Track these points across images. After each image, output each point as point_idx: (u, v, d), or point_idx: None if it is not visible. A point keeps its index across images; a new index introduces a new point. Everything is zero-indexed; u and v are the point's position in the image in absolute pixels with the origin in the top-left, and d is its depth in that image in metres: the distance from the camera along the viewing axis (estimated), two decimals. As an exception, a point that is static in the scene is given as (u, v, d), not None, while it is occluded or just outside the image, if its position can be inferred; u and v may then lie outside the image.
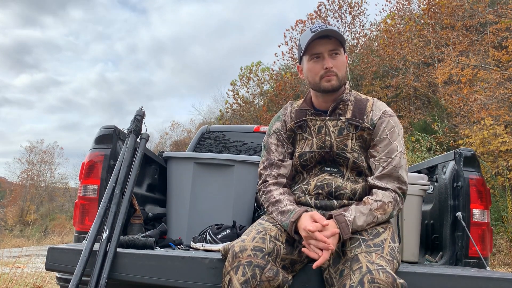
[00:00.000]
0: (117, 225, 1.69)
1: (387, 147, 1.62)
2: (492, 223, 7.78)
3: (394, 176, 1.58)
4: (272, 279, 1.39)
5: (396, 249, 1.46)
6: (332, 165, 1.68)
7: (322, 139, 1.67)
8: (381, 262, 1.33)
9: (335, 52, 1.64)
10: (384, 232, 1.50)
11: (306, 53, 1.67)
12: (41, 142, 33.73)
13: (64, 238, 13.21)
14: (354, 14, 18.06)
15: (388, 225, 1.58)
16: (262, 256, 1.40)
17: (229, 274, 1.39)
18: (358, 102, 1.70)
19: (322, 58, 1.64)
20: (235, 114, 20.25)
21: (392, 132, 1.64)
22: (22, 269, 5.11)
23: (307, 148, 1.69)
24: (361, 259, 1.35)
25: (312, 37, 1.60)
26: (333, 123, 1.67)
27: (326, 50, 1.63)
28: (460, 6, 12.19)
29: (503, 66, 10.29)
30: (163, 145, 31.76)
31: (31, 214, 29.71)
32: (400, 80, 15.39)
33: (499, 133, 8.37)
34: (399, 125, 1.67)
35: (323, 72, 1.63)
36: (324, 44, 1.63)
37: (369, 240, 1.44)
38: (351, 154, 1.64)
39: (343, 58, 1.68)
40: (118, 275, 1.56)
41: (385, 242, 1.45)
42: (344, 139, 1.65)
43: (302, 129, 1.73)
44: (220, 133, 4.05)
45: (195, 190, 2.33)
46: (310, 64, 1.67)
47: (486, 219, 2.17)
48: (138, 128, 2.02)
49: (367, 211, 1.51)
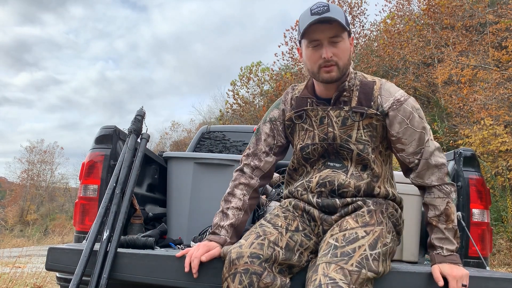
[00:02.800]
0: (118, 225, 1.70)
1: (412, 137, 1.53)
2: (492, 223, 7.77)
3: (432, 166, 1.53)
4: (270, 285, 1.37)
5: (374, 257, 1.36)
6: (336, 160, 1.60)
7: (325, 130, 1.58)
8: (336, 275, 1.28)
9: (336, 39, 1.49)
10: (364, 238, 1.40)
11: (304, 37, 1.52)
12: (41, 142, 33.78)
13: (64, 238, 13.20)
14: (354, 14, 18.06)
15: (376, 228, 1.45)
16: (259, 263, 1.38)
17: (227, 281, 1.38)
18: (364, 86, 1.58)
19: (321, 46, 1.49)
20: (235, 114, 20.24)
21: (411, 118, 1.53)
22: (22, 269, 5.12)
23: (309, 140, 1.61)
24: (319, 270, 1.31)
25: (311, 22, 1.45)
26: (335, 113, 1.57)
27: (325, 38, 1.48)
28: (460, 6, 12.19)
29: (503, 66, 10.29)
30: (163, 145, 31.75)
31: (31, 214, 29.70)
32: (400, 80, 15.38)
33: (499, 133, 8.37)
34: (416, 106, 1.56)
35: (321, 61, 1.50)
36: (324, 31, 1.47)
37: (339, 247, 1.37)
38: (356, 145, 1.55)
39: (346, 44, 1.52)
40: (118, 275, 1.56)
41: (358, 250, 1.36)
42: (348, 130, 1.56)
43: (302, 118, 1.63)
44: (220, 133, 4.06)
45: (195, 190, 2.33)
46: (308, 51, 1.53)
47: (486, 219, 2.18)
48: (138, 128, 2.02)
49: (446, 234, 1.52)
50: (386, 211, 1.57)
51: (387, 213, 1.57)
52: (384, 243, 1.43)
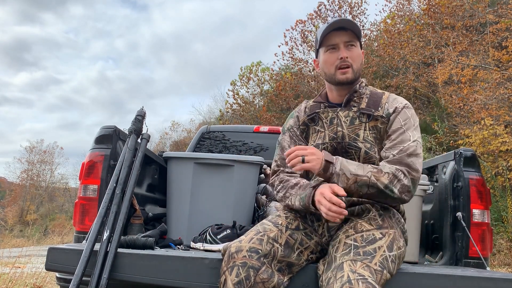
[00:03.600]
0: (118, 225, 1.69)
1: (399, 136, 1.58)
2: (492, 223, 7.77)
3: (403, 163, 1.52)
4: (267, 281, 1.39)
5: (392, 259, 1.39)
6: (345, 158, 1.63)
7: (334, 130, 1.66)
8: (364, 272, 1.29)
9: (351, 43, 1.65)
10: (381, 239, 1.43)
11: (322, 44, 1.69)
12: (41, 142, 33.73)
13: (64, 238, 13.20)
14: (354, 14, 18.05)
15: (390, 230, 1.49)
16: (257, 257, 1.41)
17: (225, 274, 1.40)
18: (373, 95, 1.69)
19: (338, 49, 1.65)
20: (235, 114, 20.25)
21: (407, 122, 1.61)
22: (22, 269, 5.11)
23: (319, 140, 1.69)
24: (345, 268, 1.32)
25: (328, 28, 1.63)
26: (344, 113, 1.66)
27: (341, 41, 1.64)
28: (460, 6, 12.19)
29: (503, 66, 10.29)
30: (163, 145, 31.75)
31: (31, 214, 29.69)
32: (400, 80, 15.38)
33: (499, 133, 8.37)
34: (415, 117, 1.65)
35: (338, 62, 1.64)
36: (340, 36, 1.65)
37: (360, 247, 1.39)
38: (363, 144, 1.61)
39: (359, 51, 1.68)
40: (118, 275, 1.56)
41: (378, 250, 1.38)
42: (356, 129, 1.63)
43: (315, 121, 1.73)
44: (220, 133, 4.06)
45: (195, 190, 2.33)
46: (326, 55, 1.68)
47: (486, 219, 2.18)
48: (139, 129, 2.03)
49: (358, 164, 1.51)
50: (393, 217, 1.60)
51: (395, 219, 1.59)
52: (398, 246, 1.46)
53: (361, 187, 1.50)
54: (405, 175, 1.51)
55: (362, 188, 1.49)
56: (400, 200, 1.54)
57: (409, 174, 1.52)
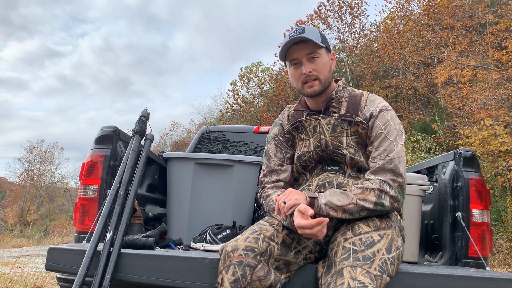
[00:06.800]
0: (121, 226, 1.70)
1: (383, 143, 1.57)
2: (492, 223, 7.78)
3: (388, 169, 1.52)
4: (263, 279, 1.40)
5: (391, 261, 1.39)
6: (332, 163, 1.67)
7: (318, 138, 1.67)
8: (364, 279, 1.29)
9: (313, 56, 1.63)
10: (380, 242, 1.42)
11: (286, 59, 1.69)
12: (41, 142, 33.77)
13: (64, 238, 13.22)
14: (354, 15, 18.07)
15: (388, 231, 1.48)
16: (253, 256, 1.42)
17: (221, 274, 1.41)
18: (352, 98, 1.68)
19: (301, 64, 1.64)
20: (235, 114, 20.27)
21: (387, 126, 1.59)
22: (22, 269, 5.12)
23: (305, 148, 1.70)
24: (345, 274, 1.32)
25: (286, 44, 1.61)
26: (326, 121, 1.66)
27: (303, 55, 1.62)
28: (460, 6, 12.20)
29: (502, 66, 10.29)
30: (163, 145, 31.76)
31: (31, 214, 29.68)
32: (400, 80, 15.39)
33: (498, 133, 8.37)
34: (395, 118, 1.62)
35: (303, 77, 1.63)
36: (300, 50, 1.62)
37: (359, 251, 1.38)
38: (347, 150, 1.62)
39: (324, 59, 1.65)
40: (118, 275, 1.56)
41: (377, 254, 1.38)
42: (339, 136, 1.64)
43: (299, 130, 1.73)
44: (220, 133, 4.06)
45: (195, 190, 2.33)
46: (291, 70, 1.68)
47: (485, 219, 2.18)
48: (142, 129, 2.03)
49: (342, 192, 1.50)
50: (391, 215, 1.59)
51: (392, 217, 1.59)
52: (396, 246, 1.46)
53: (352, 214, 1.50)
54: (390, 186, 1.51)
55: (353, 214, 1.50)
56: (392, 210, 1.54)
57: (394, 182, 1.52)
